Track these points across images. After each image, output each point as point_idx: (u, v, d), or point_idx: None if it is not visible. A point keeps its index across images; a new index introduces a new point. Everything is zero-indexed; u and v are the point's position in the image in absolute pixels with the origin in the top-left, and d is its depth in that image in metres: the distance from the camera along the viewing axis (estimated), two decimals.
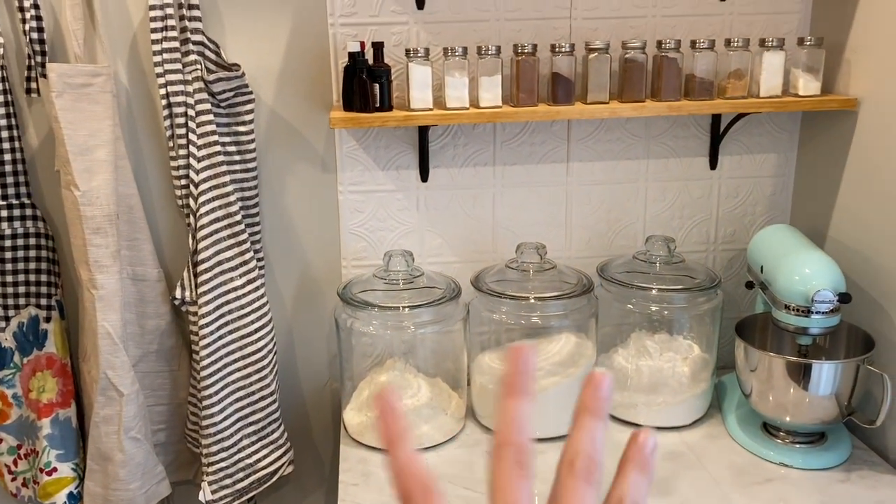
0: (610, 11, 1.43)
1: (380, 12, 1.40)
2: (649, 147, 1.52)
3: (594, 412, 0.36)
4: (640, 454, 0.36)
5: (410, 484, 0.35)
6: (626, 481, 0.36)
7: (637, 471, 0.36)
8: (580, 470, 0.35)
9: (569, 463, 0.35)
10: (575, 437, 0.36)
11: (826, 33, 1.41)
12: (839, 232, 1.42)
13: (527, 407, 0.36)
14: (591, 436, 0.36)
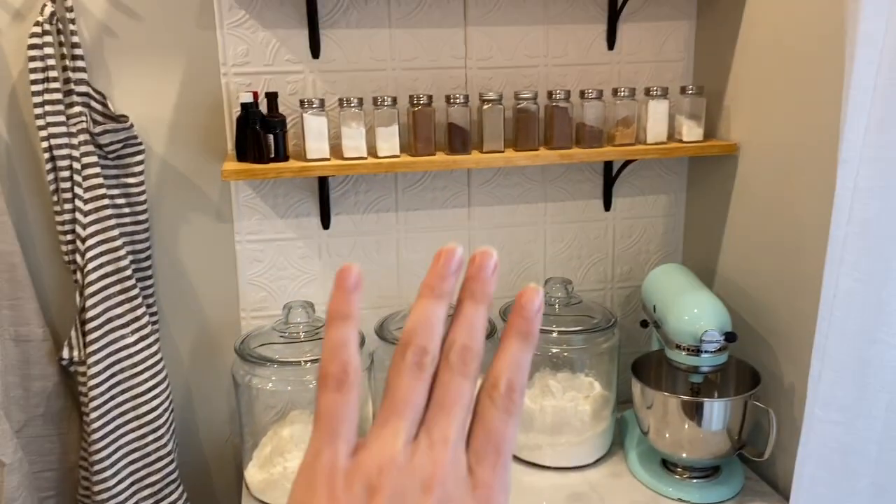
0: (503, 61, 1.46)
1: (274, 61, 1.39)
2: (546, 191, 1.56)
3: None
4: (521, 319, 0.35)
5: (331, 366, 0.33)
6: (505, 356, 0.34)
7: (519, 339, 0.34)
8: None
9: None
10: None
11: (707, 81, 1.49)
12: (727, 269, 1.49)
13: (439, 311, 0.34)
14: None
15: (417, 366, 0.33)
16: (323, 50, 1.39)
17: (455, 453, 0.32)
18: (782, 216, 1.29)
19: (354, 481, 0.31)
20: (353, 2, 1.39)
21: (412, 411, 0.33)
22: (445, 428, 0.32)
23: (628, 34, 1.50)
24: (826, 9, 1.15)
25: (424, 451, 0.32)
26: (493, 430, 0.33)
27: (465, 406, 0.33)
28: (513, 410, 0.33)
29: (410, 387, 0.33)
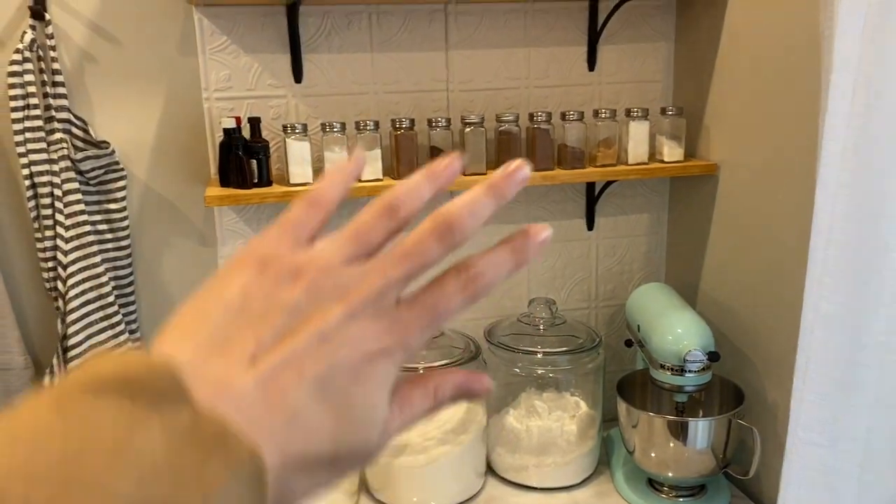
0: (484, 83, 1.47)
1: (256, 86, 1.39)
2: (529, 211, 1.57)
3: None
4: (524, 235, 0.35)
5: (312, 193, 0.35)
6: (489, 253, 0.34)
7: (508, 250, 0.34)
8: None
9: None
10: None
11: (687, 102, 1.51)
12: (710, 287, 1.50)
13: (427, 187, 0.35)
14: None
15: (388, 210, 0.34)
16: (305, 74, 1.40)
17: (387, 286, 0.32)
18: (763, 236, 1.31)
19: (284, 264, 0.32)
20: (335, 27, 1.39)
21: (363, 239, 0.33)
22: (389, 265, 0.32)
23: (608, 56, 1.52)
24: (804, 30, 1.17)
25: (360, 272, 0.32)
26: (440, 294, 0.33)
27: (422, 262, 0.33)
28: (468, 292, 0.33)
29: (373, 223, 0.33)
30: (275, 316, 0.31)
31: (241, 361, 0.29)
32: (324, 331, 0.31)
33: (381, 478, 1.40)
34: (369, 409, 0.31)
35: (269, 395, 0.29)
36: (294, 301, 0.31)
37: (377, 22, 1.40)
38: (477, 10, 1.44)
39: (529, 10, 1.46)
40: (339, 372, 0.31)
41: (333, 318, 0.31)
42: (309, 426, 0.30)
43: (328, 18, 1.39)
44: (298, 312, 0.31)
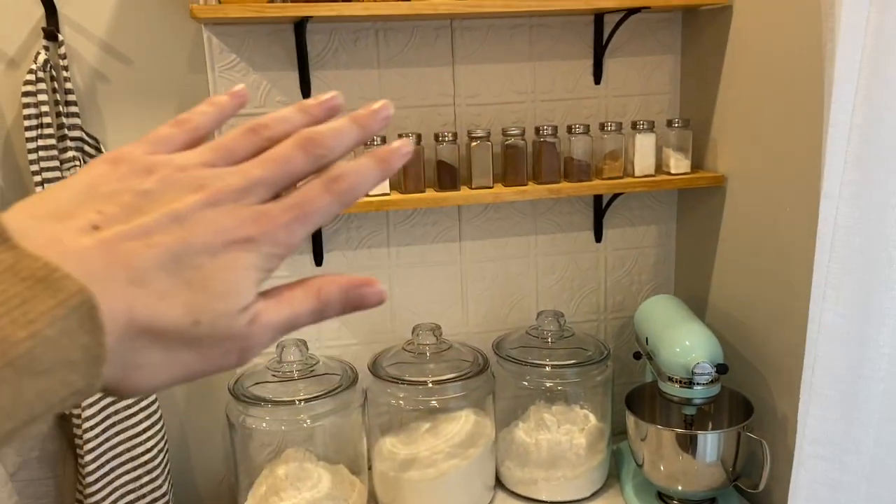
0: (491, 98, 1.48)
1: (265, 103, 1.41)
2: (537, 224, 1.57)
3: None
4: (387, 148, 0.36)
5: (187, 113, 0.36)
6: (354, 161, 0.35)
7: (373, 158, 0.35)
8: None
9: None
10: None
11: (693, 114, 1.51)
12: (718, 299, 1.49)
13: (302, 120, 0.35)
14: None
15: (253, 128, 0.34)
16: (313, 91, 1.41)
17: (248, 185, 0.32)
18: (770, 247, 1.30)
19: (138, 161, 0.32)
20: (342, 43, 1.41)
21: (224, 151, 0.33)
22: (253, 168, 0.32)
23: (614, 69, 1.52)
24: (807, 43, 1.17)
25: (221, 172, 0.32)
26: (305, 192, 0.33)
27: (286, 170, 0.33)
28: (334, 191, 0.33)
29: (236, 139, 0.34)
30: (123, 196, 0.30)
31: (81, 228, 0.28)
32: (178, 212, 0.30)
33: (391, 492, 1.40)
34: (229, 284, 0.30)
35: (110, 256, 0.28)
36: (145, 188, 0.30)
37: (384, 38, 1.42)
38: (482, 25, 1.45)
39: (534, 25, 1.47)
40: (194, 250, 0.30)
41: (189, 202, 0.30)
42: (157, 290, 0.29)
43: (335, 35, 1.40)
44: (150, 196, 0.30)
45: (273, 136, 0.34)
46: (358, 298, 0.35)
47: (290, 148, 0.33)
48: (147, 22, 1.34)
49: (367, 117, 0.36)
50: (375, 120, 0.36)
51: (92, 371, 0.27)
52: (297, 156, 0.33)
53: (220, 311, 0.30)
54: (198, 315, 0.30)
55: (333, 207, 0.34)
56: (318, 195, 0.33)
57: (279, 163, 0.33)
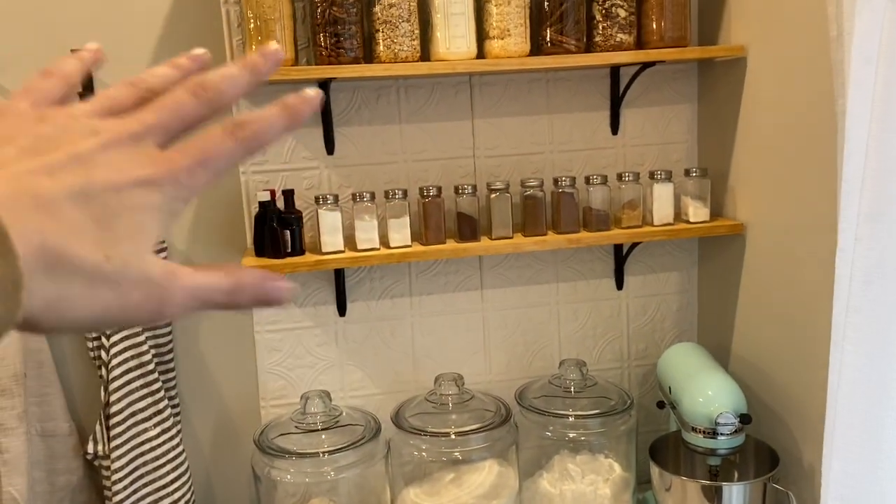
0: (510, 149, 1.51)
1: (291, 159, 1.45)
2: (558, 271, 1.58)
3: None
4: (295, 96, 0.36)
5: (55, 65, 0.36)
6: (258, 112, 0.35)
7: (279, 106, 0.35)
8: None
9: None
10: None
11: (712, 162, 1.52)
12: (741, 348, 1.49)
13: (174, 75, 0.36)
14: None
15: (132, 83, 0.35)
16: (337, 146, 1.46)
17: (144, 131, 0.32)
18: (791, 295, 1.30)
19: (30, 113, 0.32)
20: (365, 101, 1.45)
21: (113, 103, 0.34)
22: (146, 113, 0.33)
23: (631, 119, 1.55)
24: (821, 94, 1.19)
25: (112, 120, 0.33)
26: (207, 137, 0.33)
27: (180, 115, 0.33)
28: (238, 137, 0.34)
29: (119, 90, 0.34)
30: (20, 140, 0.30)
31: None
32: (79, 153, 0.30)
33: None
34: (135, 223, 0.31)
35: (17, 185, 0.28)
36: (42, 132, 0.31)
37: (405, 95, 1.46)
38: (500, 81, 1.49)
39: (551, 79, 1.51)
40: (99, 187, 0.30)
41: (87, 145, 0.31)
42: (66, 221, 0.29)
43: (359, 93, 1.45)
44: (48, 139, 0.30)
45: (153, 88, 0.35)
46: (271, 290, 0.36)
47: (180, 93, 0.34)
48: None
49: (256, 61, 0.36)
50: (265, 63, 0.36)
51: (11, 297, 0.27)
52: (188, 100, 0.34)
53: (130, 251, 0.31)
54: (107, 251, 0.30)
55: (236, 153, 0.34)
56: (220, 140, 0.33)
57: (171, 108, 0.33)
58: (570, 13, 1.36)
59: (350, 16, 1.29)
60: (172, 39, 1.38)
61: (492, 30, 1.34)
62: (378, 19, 1.30)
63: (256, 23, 1.27)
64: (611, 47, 1.38)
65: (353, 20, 1.29)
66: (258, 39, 1.27)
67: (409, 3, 1.30)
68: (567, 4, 1.36)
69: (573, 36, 1.37)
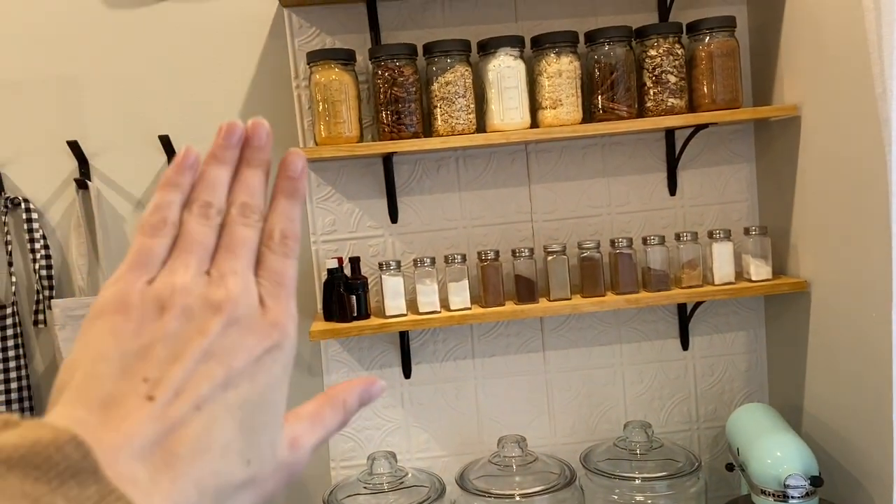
0: (567, 213, 1.55)
1: (357, 228, 1.53)
2: (620, 332, 1.59)
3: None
4: (286, 179, 0.38)
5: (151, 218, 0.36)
6: (275, 212, 0.37)
7: (286, 196, 0.38)
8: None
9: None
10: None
11: (773, 220, 1.52)
12: (814, 408, 1.45)
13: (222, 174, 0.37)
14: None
15: (204, 215, 0.36)
16: (400, 215, 1.53)
17: (245, 282, 0.35)
18: (859, 352, 1.27)
19: (147, 300, 0.33)
20: (426, 171, 1.53)
21: (201, 249, 0.35)
22: (233, 263, 0.35)
23: (689, 180, 1.57)
24: (873, 148, 1.18)
25: (216, 280, 0.35)
26: (273, 269, 0.36)
27: (250, 248, 0.36)
28: (288, 253, 0.37)
29: (197, 230, 0.36)
30: (156, 350, 0.32)
31: (138, 408, 0.30)
32: (206, 347, 0.32)
33: None
34: (269, 410, 0.33)
35: (171, 433, 0.30)
36: (169, 330, 0.33)
37: (464, 165, 1.53)
38: (555, 147, 1.54)
39: (606, 144, 1.55)
40: (233, 381, 0.32)
41: (213, 330, 0.33)
42: (218, 450, 0.31)
43: (420, 165, 1.53)
44: (176, 337, 0.33)
45: (220, 210, 0.37)
46: (369, 396, 0.40)
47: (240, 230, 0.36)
48: None
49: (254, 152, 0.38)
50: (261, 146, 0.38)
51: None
52: (249, 233, 0.36)
53: (266, 442, 0.33)
54: (248, 455, 0.32)
55: (295, 264, 0.37)
56: (284, 264, 0.37)
57: (246, 248, 0.36)
58: (621, 81, 1.41)
59: (410, 94, 1.38)
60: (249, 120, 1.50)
61: (544, 100, 1.40)
62: (436, 96, 1.38)
63: (325, 104, 1.37)
64: (662, 112, 1.41)
65: (412, 98, 1.38)
66: (326, 119, 1.37)
67: (465, 80, 1.38)
68: (617, 73, 1.41)
69: (624, 102, 1.41)
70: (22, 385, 1.45)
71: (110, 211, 1.49)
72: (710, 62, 1.41)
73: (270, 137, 0.38)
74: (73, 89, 1.47)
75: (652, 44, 1.41)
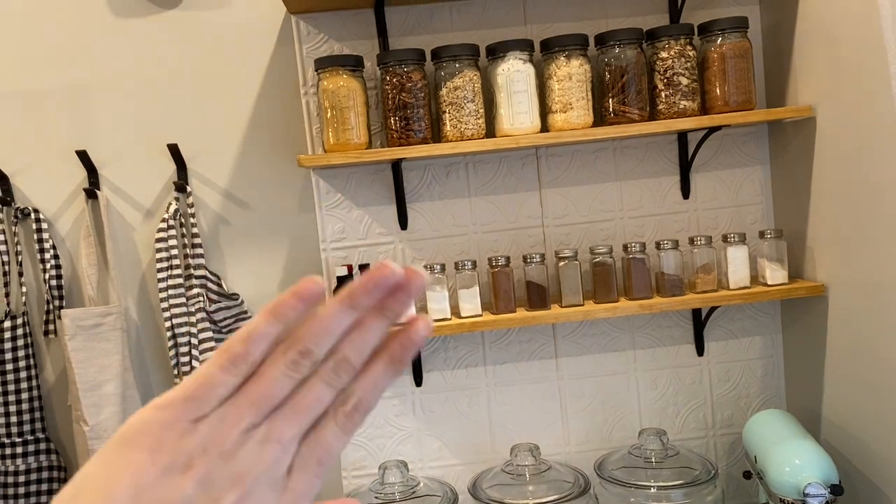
0: (579, 217, 1.53)
1: (367, 235, 1.52)
2: (634, 338, 1.57)
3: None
4: (402, 345, 0.34)
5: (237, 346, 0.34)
6: (366, 377, 0.34)
7: (387, 364, 0.34)
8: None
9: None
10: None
11: (788, 223, 1.49)
12: (833, 414, 1.42)
13: (344, 320, 0.34)
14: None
15: (295, 365, 0.33)
16: (410, 221, 1.52)
17: (283, 453, 0.33)
18: (880, 357, 1.24)
19: (179, 449, 0.32)
20: (436, 177, 1.52)
21: (267, 404, 0.33)
22: (288, 429, 0.33)
23: (702, 182, 1.54)
24: (893, 150, 1.16)
25: (255, 444, 0.33)
26: (324, 442, 0.34)
27: (316, 413, 0.34)
28: (349, 429, 0.34)
29: (278, 382, 0.33)
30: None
31: None
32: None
33: None
34: None
35: None
36: (185, 493, 0.32)
37: (473, 170, 1.52)
38: (566, 151, 1.52)
39: (618, 147, 1.53)
40: None
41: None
42: None
43: (429, 171, 1.51)
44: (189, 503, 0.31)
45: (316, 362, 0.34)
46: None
47: (321, 390, 0.34)
48: (262, 171, 1.50)
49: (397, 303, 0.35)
50: (407, 300, 0.35)
51: None
52: (328, 395, 0.34)
53: None
54: None
55: (349, 440, 0.35)
56: (339, 441, 0.34)
57: (312, 414, 0.34)
58: (632, 83, 1.39)
59: (418, 100, 1.36)
60: (258, 128, 1.50)
61: (554, 104, 1.38)
62: (444, 101, 1.37)
63: (333, 111, 1.36)
64: (674, 114, 1.39)
65: (420, 104, 1.37)
66: (334, 125, 1.36)
67: (474, 85, 1.37)
68: (628, 76, 1.39)
69: (636, 105, 1.39)
70: (32, 395, 1.45)
71: (120, 220, 1.49)
72: (723, 63, 1.39)
73: (422, 291, 0.36)
74: (82, 98, 1.47)
75: (663, 46, 1.40)
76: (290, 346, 0.34)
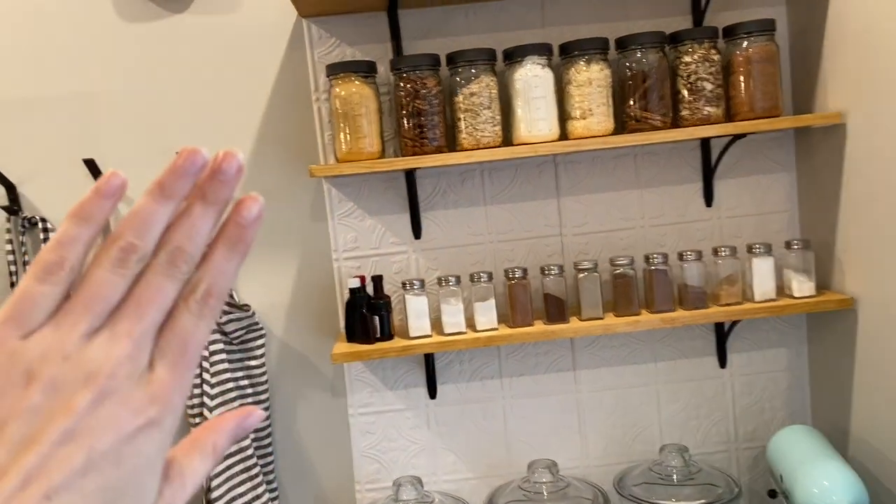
0: (598, 226, 1.49)
1: (380, 245, 1.48)
2: (655, 350, 1.52)
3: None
4: (235, 225, 0.33)
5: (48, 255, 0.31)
6: (210, 262, 0.32)
7: (227, 246, 0.33)
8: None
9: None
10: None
11: (815, 232, 1.44)
12: (861, 430, 1.37)
13: (161, 210, 0.32)
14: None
15: (121, 261, 0.32)
16: (424, 230, 1.48)
17: (136, 348, 0.31)
18: None
19: (15, 364, 0.30)
20: (450, 184, 1.48)
21: (101, 305, 0.31)
22: (133, 323, 0.31)
23: (726, 190, 1.50)
24: None
25: (102, 343, 0.31)
26: (181, 329, 0.32)
27: (161, 306, 0.32)
28: (206, 314, 0.32)
29: (107, 281, 0.31)
30: (9, 429, 0.29)
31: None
32: (68, 427, 0.29)
33: None
34: (139, 488, 0.30)
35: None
36: (31, 404, 0.29)
37: (489, 177, 1.48)
38: (585, 158, 1.48)
39: (639, 154, 1.48)
40: (95, 466, 0.29)
41: (79, 407, 0.29)
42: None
43: (443, 178, 1.47)
44: (38, 414, 0.29)
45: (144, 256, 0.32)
46: (244, 431, 0.35)
47: (160, 282, 0.32)
48: (274, 181, 1.46)
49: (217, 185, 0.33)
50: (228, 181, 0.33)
51: None
52: (169, 286, 0.32)
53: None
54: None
55: (210, 326, 0.33)
56: (197, 328, 0.32)
57: (156, 306, 0.32)
58: (654, 89, 1.34)
59: (433, 107, 1.32)
60: (268, 135, 1.46)
61: (573, 110, 1.34)
62: (460, 108, 1.33)
63: (345, 118, 1.32)
64: (698, 121, 1.34)
65: (435, 111, 1.33)
66: (346, 133, 1.32)
67: (490, 91, 1.33)
68: (650, 81, 1.34)
69: (658, 111, 1.35)
70: None
71: None
72: (749, 68, 1.34)
73: (241, 173, 0.33)
74: (89, 106, 1.44)
75: (686, 49, 1.35)
76: (110, 243, 0.32)
